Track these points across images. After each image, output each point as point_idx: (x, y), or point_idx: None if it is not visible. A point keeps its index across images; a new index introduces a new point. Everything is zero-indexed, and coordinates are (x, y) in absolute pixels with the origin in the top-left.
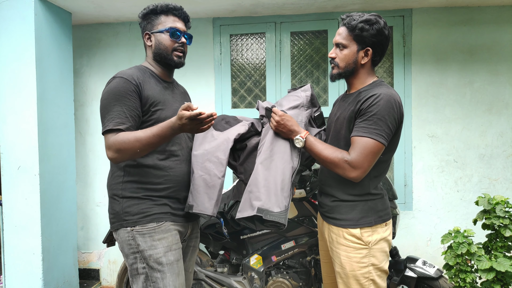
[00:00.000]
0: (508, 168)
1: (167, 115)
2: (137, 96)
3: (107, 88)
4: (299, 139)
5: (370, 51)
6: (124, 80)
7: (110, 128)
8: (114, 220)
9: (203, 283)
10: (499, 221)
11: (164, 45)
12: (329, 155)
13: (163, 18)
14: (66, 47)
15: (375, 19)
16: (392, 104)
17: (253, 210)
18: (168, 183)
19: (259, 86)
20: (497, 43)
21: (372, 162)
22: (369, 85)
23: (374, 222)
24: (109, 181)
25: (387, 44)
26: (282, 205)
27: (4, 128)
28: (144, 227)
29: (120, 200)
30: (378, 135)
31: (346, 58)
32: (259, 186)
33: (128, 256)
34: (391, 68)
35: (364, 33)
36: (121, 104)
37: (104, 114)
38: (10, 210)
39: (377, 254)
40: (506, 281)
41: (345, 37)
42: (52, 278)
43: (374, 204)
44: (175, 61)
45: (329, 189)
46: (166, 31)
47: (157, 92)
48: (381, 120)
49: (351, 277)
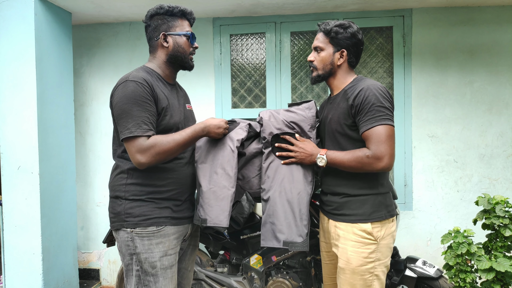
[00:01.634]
0: (508, 168)
1: (175, 120)
2: (153, 101)
3: (124, 92)
4: (321, 158)
5: (345, 53)
6: (140, 84)
7: (140, 134)
8: (115, 220)
9: (203, 283)
10: (499, 221)
11: (184, 48)
12: (352, 159)
13: (180, 21)
14: (66, 47)
15: (348, 23)
16: (381, 91)
17: (279, 242)
18: (171, 186)
19: (259, 86)
20: (497, 43)
21: (393, 146)
22: (351, 82)
23: (384, 217)
24: (111, 182)
25: (360, 47)
26: (304, 233)
27: (4, 128)
28: (143, 230)
29: (123, 202)
30: (385, 119)
31: (323, 60)
32: (281, 220)
33: (125, 256)
34: (391, 68)
35: (339, 36)
36: (143, 110)
37: (127, 118)
38: (10, 210)
39: (383, 250)
40: (506, 281)
41: (322, 41)
42: (52, 278)
43: (383, 198)
44: (191, 64)
45: (338, 188)
46: (184, 35)
47: (165, 97)
48: (380, 106)
49: (356, 272)
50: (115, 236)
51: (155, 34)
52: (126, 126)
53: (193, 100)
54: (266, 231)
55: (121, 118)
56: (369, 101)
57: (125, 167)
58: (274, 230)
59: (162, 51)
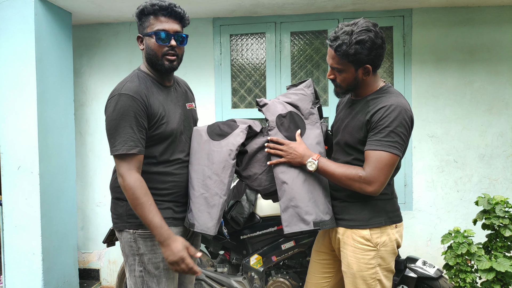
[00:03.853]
0: (508, 168)
1: (172, 127)
2: (145, 115)
3: (113, 107)
4: (312, 162)
5: (370, 68)
6: (131, 98)
7: (124, 152)
8: (118, 221)
9: (203, 283)
10: (499, 221)
11: (152, 50)
12: (344, 174)
13: (152, 19)
14: (66, 47)
15: (367, 37)
16: (403, 114)
17: (308, 225)
18: (173, 188)
19: (259, 86)
20: (497, 43)
21: (388, 175)
22: (376, 92)
23: (384, 223)
24: (112, 184)
25: (384, 51)
26: (330, 210)
27: (4, 128)
28: (146, 231)
29: (124, 203)
30: (391, 147)
31: (346, 79)
32: (305, 201)
33: (128, 257)
34: (391, 68)
35: (359, 56)
36: (131, 125)
37: (114, 135)
38: (10, 210)
39: (385, 255)
40: (506, 281)
41: (339, 62)
42: (52, 278)
43: (383, 204)
44: (165, 66)
45: (337, 193)
46: (153, 35)
47: (161, 104)
48: (393, 132)
49: (358, 277)
50: (119, 237)
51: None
52: (113, 142)
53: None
54: (289, 217)
55: (110, 134)
56: (384, 122)
57: None
58: (299, 213)
59: (143, 54)
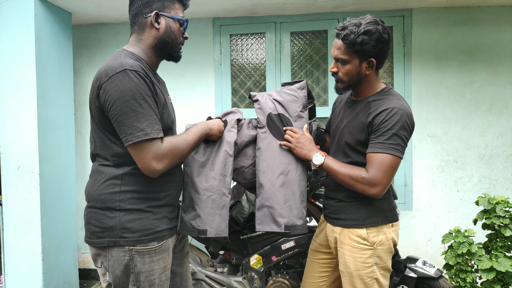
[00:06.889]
0: (508, 168)
1: (172, 119)
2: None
3: (126, 85)
4: (320, 156)
5: (374, 61)
6: (140, 75)
7: (155, 136)
8: (104, 236)
9: (203, 283)
10: (499, 221)
11: (175, 35)
12: (347, 174)
13: (176, 4)
14: (66, 47)
15: (374, 28)
16: (405, 118)
17: (279, 227)
18: (169, 190)
19: (259, 86)
20: (497, 43)
21: (391, 177)
22: (377, 93)
23: (380, 222)
24: (96, 190)
25: (389, 47)
26: (304, 215)
27: (4, 128)
28: (145, 247)
29: (116, 214)
30: (394, 150)
31: (350, 72)
32: (280, 203)
33: (117, 277)
34: (391, 68)
35: (365, 46)
36: (152, 107)
37: (137, 117)
38: (10, 210)
39: (382, 254)
40: (506, 281)
41: (345, 52)
42: (52, 278)
43: (380, 204)
44: (179, 55)
45: (334, 193)
46: (179, 21)
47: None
48: (396, 134)
49: (355, 276)
50: (100, 253)
51: (145, 10)
52: (138, 126)
53: (193, 100)
54: (263, 215)
55: (128, 117)
56: (387, 125)
57: (119, 172)
58: (273, 214)
59: (151, 33)
